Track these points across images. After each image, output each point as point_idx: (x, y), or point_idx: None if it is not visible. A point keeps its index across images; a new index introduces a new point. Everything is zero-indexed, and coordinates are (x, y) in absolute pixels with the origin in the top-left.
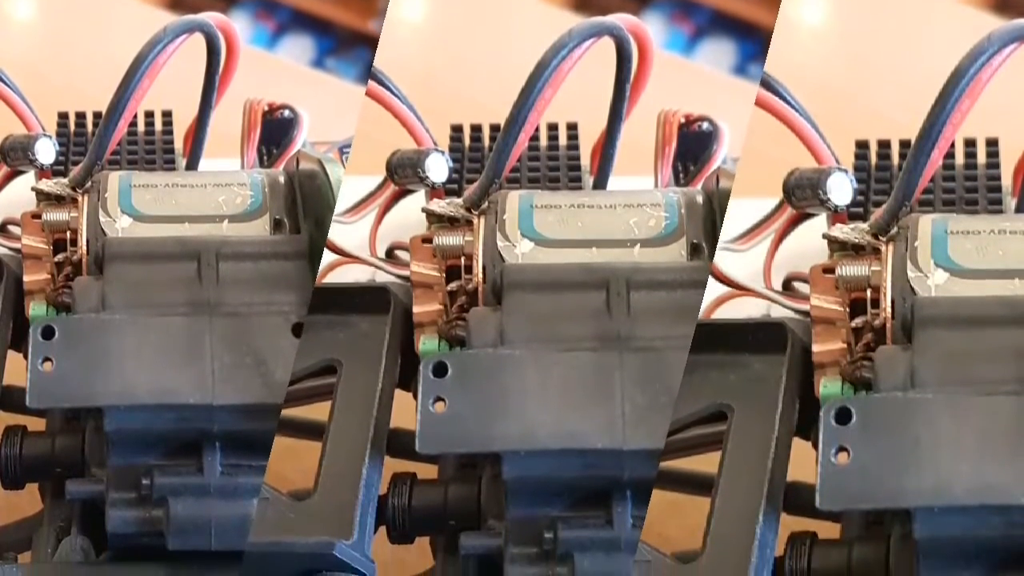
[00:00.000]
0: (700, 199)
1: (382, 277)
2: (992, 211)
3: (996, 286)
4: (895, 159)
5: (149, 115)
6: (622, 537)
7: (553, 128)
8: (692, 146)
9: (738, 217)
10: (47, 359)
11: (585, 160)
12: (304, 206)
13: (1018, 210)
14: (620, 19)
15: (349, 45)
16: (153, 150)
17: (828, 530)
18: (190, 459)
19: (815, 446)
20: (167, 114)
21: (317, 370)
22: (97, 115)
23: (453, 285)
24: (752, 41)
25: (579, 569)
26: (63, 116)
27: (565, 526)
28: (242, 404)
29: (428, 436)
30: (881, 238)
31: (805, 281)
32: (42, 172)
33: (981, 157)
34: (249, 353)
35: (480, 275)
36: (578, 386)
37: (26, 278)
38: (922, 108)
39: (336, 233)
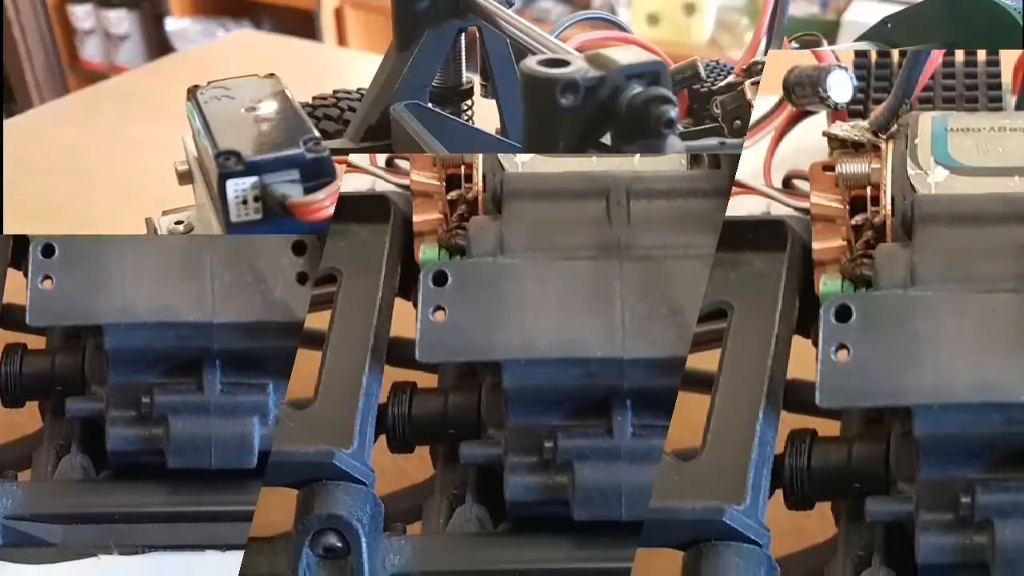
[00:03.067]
0: None
1: (382, 186)
2: (992, 109)
3: (996, 183)
4: (895, 57)
5: None
6: (622, 446)
7: None
8: None
9: None
10: (47, 277)
11: None
12: None
13: (1018, 108)
14: None
15: None
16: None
17: (828, 428)
18: (190, 377)
19: (815, 344)
20: None
21: (317, 279)
22: None
23: (453, 194)
24: None
25: (579, 478)
26: None
27: (565, 435)
28: (242, 322)
29: (428, 345)
30: (881, 136)
31: (805, 179)
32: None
33: (981, 55)
34: (249, 271)
35: (480, 184)
36: (578, 295)
37: None
38: None
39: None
